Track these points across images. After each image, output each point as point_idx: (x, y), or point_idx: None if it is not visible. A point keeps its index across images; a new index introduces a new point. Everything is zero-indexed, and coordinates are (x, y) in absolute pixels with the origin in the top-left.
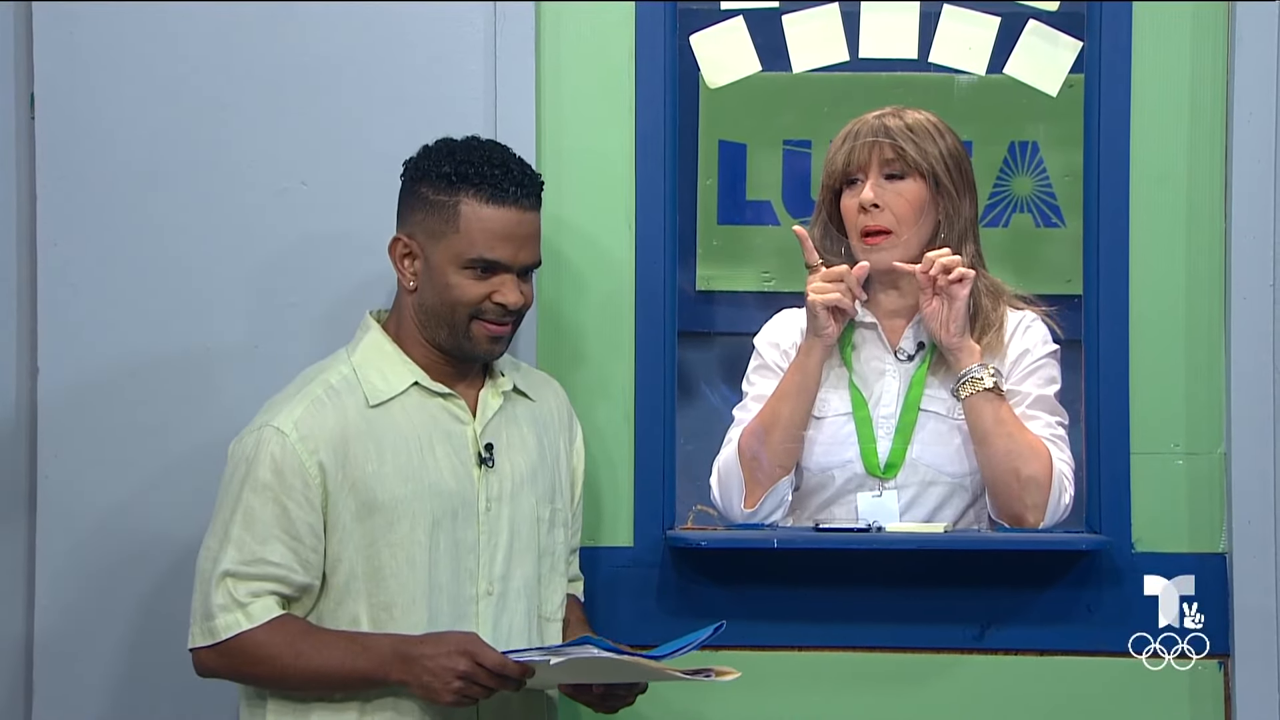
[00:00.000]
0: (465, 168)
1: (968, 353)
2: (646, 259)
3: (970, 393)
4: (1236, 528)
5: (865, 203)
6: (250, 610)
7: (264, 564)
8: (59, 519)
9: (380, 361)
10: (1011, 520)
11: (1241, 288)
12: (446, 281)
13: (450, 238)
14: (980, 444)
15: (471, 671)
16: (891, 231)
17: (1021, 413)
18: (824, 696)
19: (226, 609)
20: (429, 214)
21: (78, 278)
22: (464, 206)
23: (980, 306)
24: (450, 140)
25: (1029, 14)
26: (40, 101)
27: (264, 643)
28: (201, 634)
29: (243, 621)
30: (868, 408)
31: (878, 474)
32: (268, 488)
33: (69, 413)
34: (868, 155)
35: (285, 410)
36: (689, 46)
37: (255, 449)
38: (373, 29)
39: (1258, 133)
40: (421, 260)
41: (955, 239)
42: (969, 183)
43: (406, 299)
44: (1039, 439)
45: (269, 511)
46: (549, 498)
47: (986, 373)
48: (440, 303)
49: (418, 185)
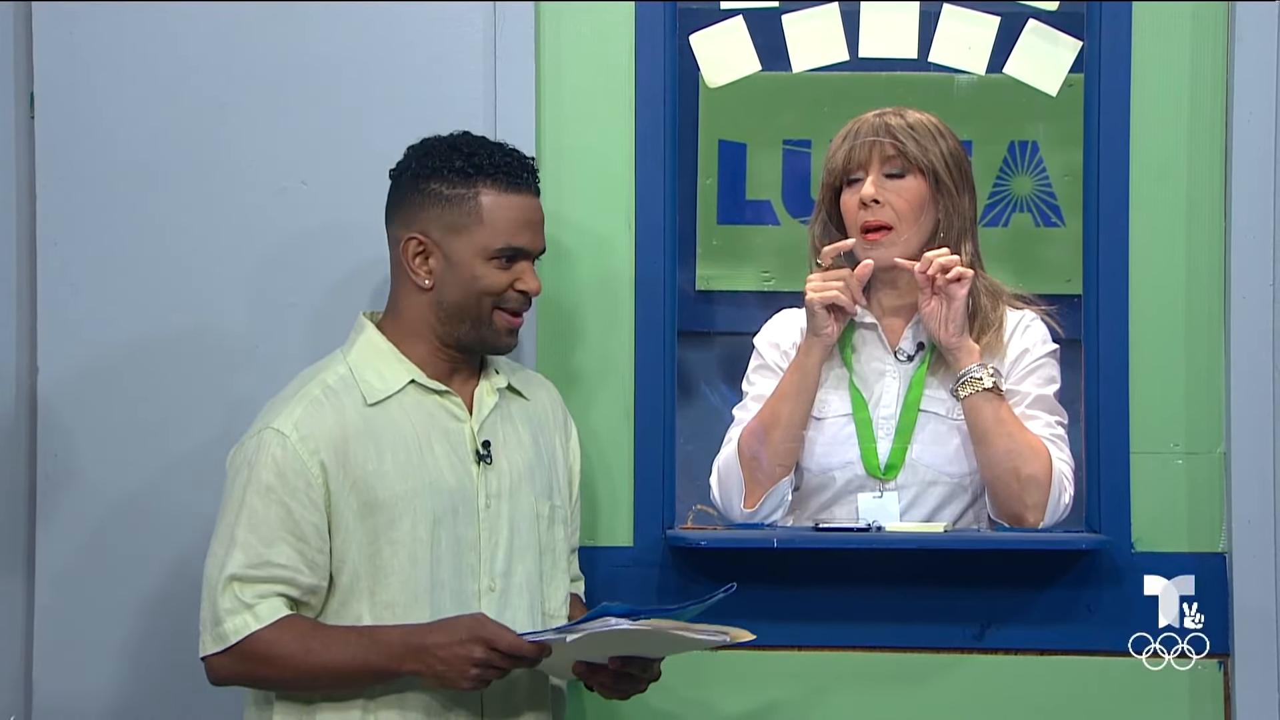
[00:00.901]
0: (479, 159)
1: (966, 352)
2: (646, 258)
3: (969, 393)
4: (1236, 527)
5: (866, 198)
6: (258, 611)
7: (270, 566)
8: (59, 518)
9: (376, 360)
10: (1011, 520)
11: (1241, 287)
12: (473, 274)
13: (474, 229)
14: (980, 444)
15: (487, 657)
16: (892, 228)
17: (1021, 412)
18: (824, 696)
19: (234, 612)
20: (446, 209)
21: (78, 276)
22: (485, 197)
23: (979, 306)
24: (438, 138)
25: (1029, 13)
26: (40, 101)
27: (274, 642)
28: (212, 640)
29: (251, 623)
30: (868, 409)
31: (878, 475)
32: (271, 490)
33: (69, 411)
34: (868, 153)
35: (284, 412)
36: (689, 46)
37: (256, 452)
38: (373, 29)
39: (1257, 132)
40: (438, 257)
41: (954, 237)
42: (969, 182)
43: (415, 300)
44: (1038, 439)
45: (273, 513)
46: (547, 494)
47: (986, 373)
48: (465, 295)
49: (426, 183)
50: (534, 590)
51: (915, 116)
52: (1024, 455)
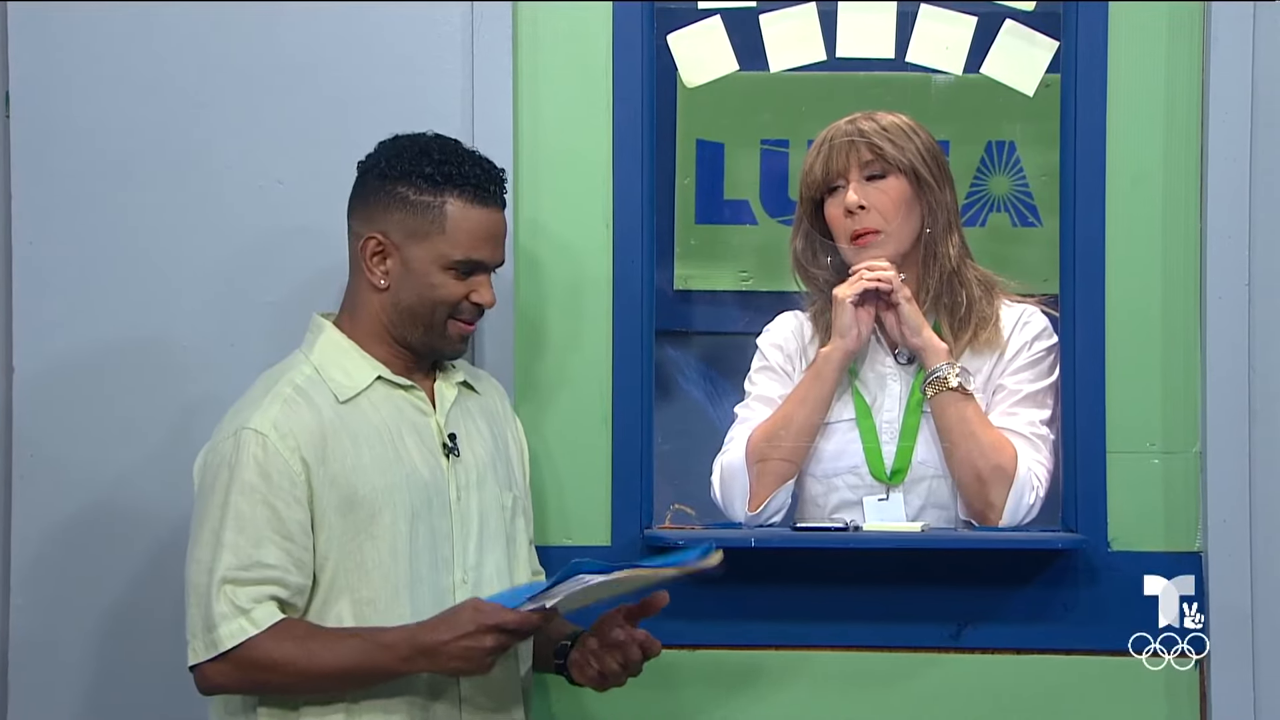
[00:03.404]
0: (449, 169)
1: (933, 353)
2: (624, 258)
3: (934, 392)
4: (1212, 527)
5: (851, 205)
6: (254, 616)
7: (261, 567)
8: (34, 518)
9: (340, 358)
10: (976, 518)
11: (1217, 287)
12: (430, 281)
13: (434, 238)
14: (945, 442)
15: (498, 643)
16: (880, 230)
17: (1006, 409)
18: (801, 695)
19: (228, 617)
20: (410, 214)
21: (53, 275)
22: (450, 208)
23: (971, 299)
24: (410, 138)
25: (1006, 14)
26: (15, 99)
27: (272, 648)
28: (205, 647)
29: (248, 628)
30: (871, 415)
31: (884, 479)
32: (255, 489)
33: (44, 411)
34: (846, 160)
35: (258, 412)
36: (666, 46)
37: (235, 453)
38: (350, 28)
39: (1233, 133)
40: (396, 260)
41: (940, 230)
42: (948, 176)
43: (370, 297)
44: (1005, 439)
45: (259, 514)
46: (509, 486)
47: (952, 372)
48: (419, 302)
49: (393, 185)
50: (504, 581)
51: (887, 119)
52: (985, 454)
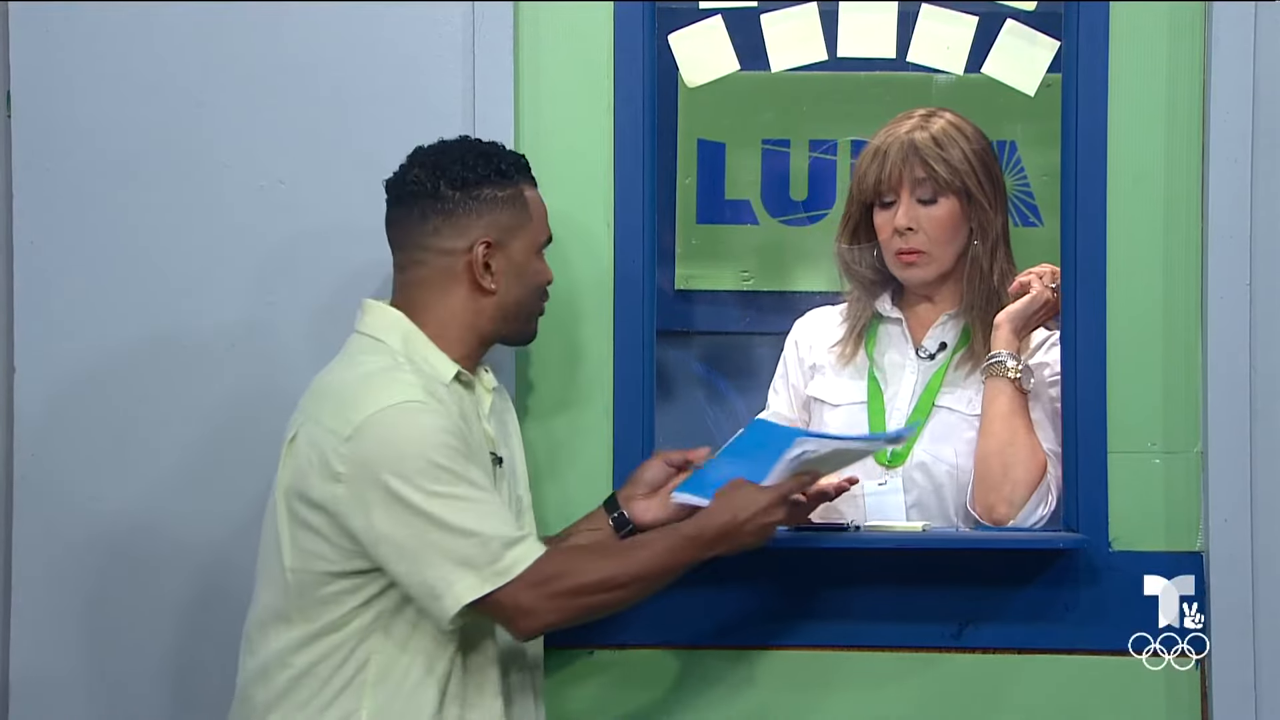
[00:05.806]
0: (512, 158)
1: (1005, 340)
2: (625, 258)
3: (994, 375)
4: (1213, 526)
5: (900, 228)
6: (531, 543)
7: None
8: (37, 522)
9: (423, 349)
10: (983, 507)
11: (1219, 287)
12: (533, 269)
13: (527, 227)
14: (985, 425)
15: (789, 514)
16: (926, 252)
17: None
18: (801, 694)
19: (512, 543)
20: (502, 211)
21: (55, 276)
22: (527, 194)
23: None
24: (437, 148)
25: (1007, 13)
26: (17, 99)
27: (567, 558)
28: (492, 577)
29: (536, 548)
30: (883, 399)
31: (883, 462)
32: (452, 449)
33: (46, 413)
34: (900, 175)
35: (393, 389)
36: (668, 46)
37: (401, 429)
38: (351, 28)
39: (1234, 132)
40: (501, 259)
41: (989, 249)
42: (999, 189)
43: (472, 305)
44: (1040, 447)
45: (471, 472)
46: (526, 485)
47: (1014, 364)
48: (527, 291)
49: (476, 190)
50: None
51: (940, 124)
52: (1020, 454)
